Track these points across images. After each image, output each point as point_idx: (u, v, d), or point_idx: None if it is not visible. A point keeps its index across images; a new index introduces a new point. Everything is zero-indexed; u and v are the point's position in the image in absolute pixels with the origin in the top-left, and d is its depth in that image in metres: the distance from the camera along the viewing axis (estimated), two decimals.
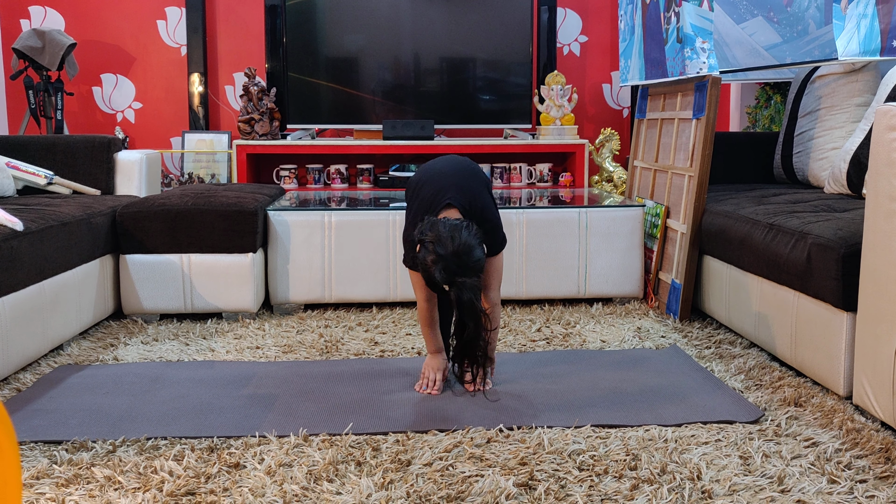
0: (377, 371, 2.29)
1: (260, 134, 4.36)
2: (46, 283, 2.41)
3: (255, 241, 2.90)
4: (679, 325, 2.79)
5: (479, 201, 2.04)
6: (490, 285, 2.07)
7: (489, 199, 2.09)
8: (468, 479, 1.58)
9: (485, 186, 2.11)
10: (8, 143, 3.24)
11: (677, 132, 3.11)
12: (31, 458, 1.71)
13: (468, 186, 2.05)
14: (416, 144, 4.31)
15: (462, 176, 2.09)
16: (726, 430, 1.84)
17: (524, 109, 4.57)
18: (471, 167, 2.15)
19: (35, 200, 2.85)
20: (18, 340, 2.25)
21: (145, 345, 2.59)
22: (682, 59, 2.93)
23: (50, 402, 2.05)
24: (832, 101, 3.04)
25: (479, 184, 2.10)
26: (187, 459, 1.68)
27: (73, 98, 4.64)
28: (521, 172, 4.56)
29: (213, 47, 4.69)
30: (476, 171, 2.14)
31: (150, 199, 2.94)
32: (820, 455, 1.68)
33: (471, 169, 2.14)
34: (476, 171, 2.14)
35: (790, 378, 2.18)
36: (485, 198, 2.07)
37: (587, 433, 1.82)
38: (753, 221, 2.46)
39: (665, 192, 3.14)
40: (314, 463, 1.67)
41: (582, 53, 4.85)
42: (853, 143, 2.70)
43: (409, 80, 4.52)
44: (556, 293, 3.11)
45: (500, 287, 2.11)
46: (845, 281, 1.96)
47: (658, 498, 1.50)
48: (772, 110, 4.06)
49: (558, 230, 3.09)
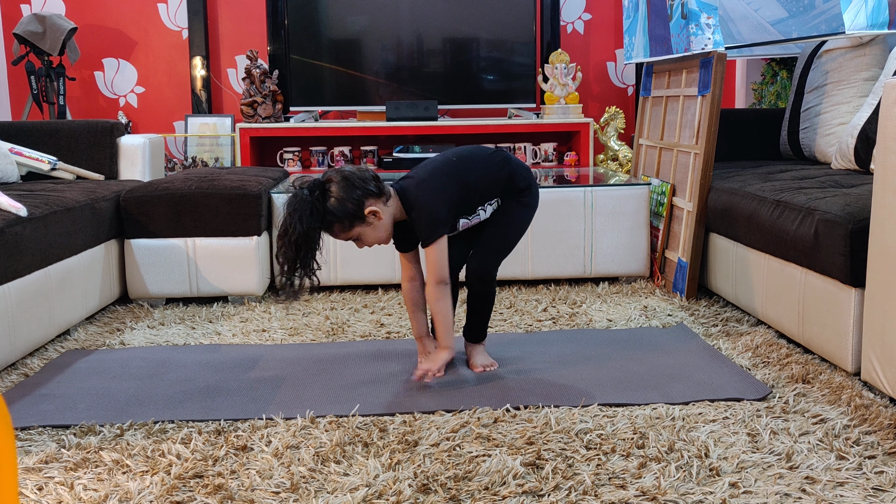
0: (383, 353, 2.29)
1: (263, 117, 4.34)
2: (52, 269, 2.41)
3: (260, 224, 2.89)
4: (686, 304, 2.78)
5: (419, 191, 1.98)
6: (425, 279, 2.03)
7: (434, 194, 1.97)
8: (475, 459, 1.58)
9: (454, 182, 2.01)
10: (11, 129, 3.24)
11: (682, 109, 3.09)
12: (40, 442, 1.72)
13: (425, 177, 2.02)
14: (419, 125, 4.28)
15: (435, 165, 2.06)
16: (734, 407, 1.83)
17: (528, 89, 4.54)
18: (458, 161, 2.07)
19: (39, 186, 2.85)
20: (25, 326, 2.25)
21: (151, 329, 2.60)
22: (686, 35, 2.90)
23: (57, 386, 2.06)
24: (839, 76, 3.01)
25: (447, 177, 2.01)
26: (195, 442, 1.69)
27: (76, 83, 4.63)
28: (525, 152, 4.53)
29: (214, 30, 4.67)
30: (461, 165, 2.05)
31: (153, 183, 2.94)
32: (828, 432, 1.68)
33: (455, 162, 2.06)
34: (461, 165, 2.05)
35: (798, 355, 2.18)
36: (428, 190, 1.97)
37: (594, 412, 1.82)
38: (760, 198, 2.44)
39: (671, 170, 3.12)
40: (321, 444, 1.67)
41: (586, 31, 4.81)
42: (861, 117, 2.67)
43: (412, 60, 4.49)
44: (562, 273, 3.10)
45: (437, 284, 1.97)
46: (853, 257, 1.94)
47: (666, 476, 1.50)
48: (778, 86, 4.03)
49: (564, 210, 3.07)
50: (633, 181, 3.23)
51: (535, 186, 2.17)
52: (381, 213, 1.93)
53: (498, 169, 2.10)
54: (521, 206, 2.15)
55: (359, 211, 1.91)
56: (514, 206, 2.14)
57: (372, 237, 1.96)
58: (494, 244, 2.12)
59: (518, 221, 2.15)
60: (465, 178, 2.05)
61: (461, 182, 2.04)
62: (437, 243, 1.97)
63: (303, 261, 1.89)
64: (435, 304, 1.99)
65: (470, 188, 2.05)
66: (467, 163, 2.09)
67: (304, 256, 1.89)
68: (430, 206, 1.97)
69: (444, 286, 1.99)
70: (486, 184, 2.08)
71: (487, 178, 2.08)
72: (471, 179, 2.05)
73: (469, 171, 2.06)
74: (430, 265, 1.97)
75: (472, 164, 2.09)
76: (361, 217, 1.92)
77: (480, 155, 2.12)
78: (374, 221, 1.93)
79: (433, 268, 1.97)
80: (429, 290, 2.00)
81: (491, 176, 2.09)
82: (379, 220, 1.94)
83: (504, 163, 2.12)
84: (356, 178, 1.92)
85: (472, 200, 2.07)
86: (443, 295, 1.99)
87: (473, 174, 2.06)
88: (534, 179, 2.18)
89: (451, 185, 2.02)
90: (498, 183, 2.10)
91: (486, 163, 2.10)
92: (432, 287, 1.98)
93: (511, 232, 2.14)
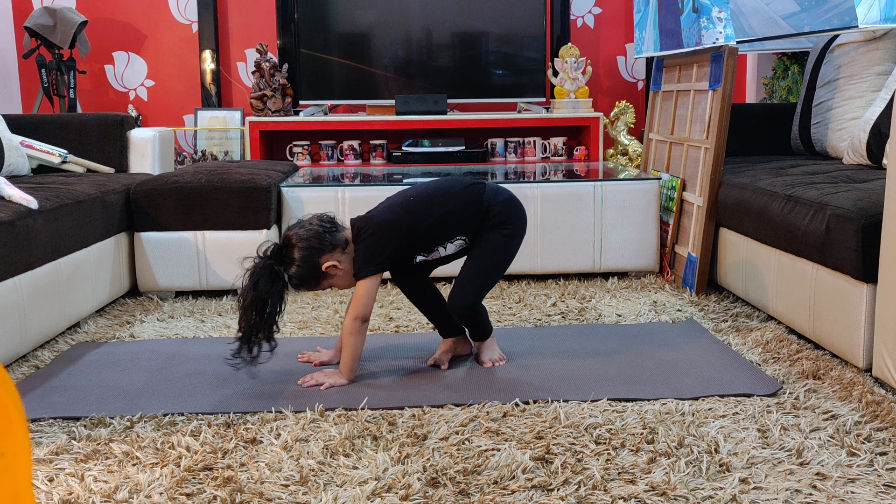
0: (392, 346, 2.29)
1: (272, 110, 4.34)
2: (62, 262, 2.42)
3: (269, 217, 2.89)
4: (695, 299, 2.77)
5: (366, 227, 1.98)
6: (348, 311, 2.00)
7: (376, 234, 1.97)
8: (484, 453, 1.58)
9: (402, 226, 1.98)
10: (22, 122, 3.25)
11: (693, 104, 3.07)
12: (51, 434, 1.72)
13: (374, 215, 2.02)
14: (429, 119, 4.28)
15: (390, 204, 2.04)
16: (744, 403, 1.82)
17: (538, 83, 4.53)
18: (414, 202, 2.02)
19: (49, 179, 2.86)
20: (36, 318, 2.26)
21: (161, 322, 2.60)
22: (697, 29, 2.88)
23: (68, 378, 2.06)
24: (852, 71, 2.99)
25: (394, 221, 1.98)
26: (204, 435, 1.69)
27: (86, 76, 4.64)
28: (535, 146, 4.52)
29: (224, 23, 4.67)
30: (416, 207, 2.01)
31: (163, 176, 2.94)
32: (839, 428, 1.67)
33: (411, 203, 2.02)
34: (416, 207, 2.01)
35: (808, 351, 2.17)
36: (372, 229, 1.97)
37: (603, 407, 1.81)
38: (771, 193, 2.43)
39: (681, 165, 3.11)
40: (330, 438, 1.67)
41: (596, 25, 4.79)
42: (873, 112, 2.65)
43: (422, 54, 4.48)
44: (572, 267, 3.09)
45: (355, 320, 1.95)
46: (865, 252, 1.93)
47: (675, 471, 1.50)
48: (789, 81, 4.01)
49: (573, 204, 3.07)
50: (643, 176, 3.22)
51: (516, 220, 2.06)
52: (340, 263, 1.98)
53: (465, 207, 2.03)
54: (503, 238, 2.05)
55: (317, 272, 1.97)
56: (495, 237, 2.04)
57: (343, 283, 2.02)
58: (474, 278, 2.05)
59: (499, 253, 2.06)
60: (415, 222, 2.00)
61: (410, 226, 2.00)
62: (367, 280, 1.97)
63: (258, 325, 1.92)
64: (347, 338, 1.98)
65: (420, 232, 2.01)
66: (425, 205, 2.03)
67: (260, 321, 1.92)
68: (367, 245, 1.98)
69: (361, 323, 1.97)
70: (445, 226, 2.03)
71: (449, 219, 2.02)
72: (422, 224, 2.01)
73: (423, 215, 2.01)
74: (355, 299, 1.97)
75: (432, 205, 2.03)
76: (323, 275, 1.98)
77: (447, 192, 2.04)
78: (337, 272, 1.99)
79: (356, 302, 1.97)
80: (347, 322, 1.97)
81: (453, 216, 2.02)
82: (341, 269, 1.98)
83: (475, 200, 2.03)
84: (312, 238, 1.95)
85: (425, 242, 2.04)
86: (357, 331, 1.97)
87: (428, 218, 2.01)
88: (514, 212, 2.06)
89: (396, 228, 1.99)
90: (462, 222, 2.04)
91: (450, 202, 2.03)
92: (349, 320, 1.97)
93: (491, 264, 2.06)
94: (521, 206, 2.10)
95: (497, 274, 2.09)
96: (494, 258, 2.06)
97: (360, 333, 1.98)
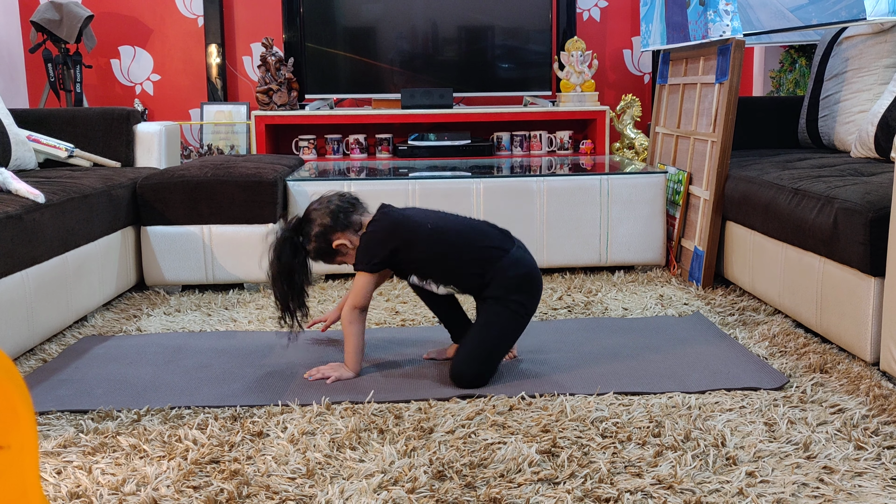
0: (398, 340, 2.29)
1: (278, 104, 4.34)
2: (69, 255, 2.42)
3: (276, 211, 2.90)
4: (702, 293, 2.76)
5: (383, 222, 1.98)
6: (347, 301, 2.00)
7: (384, 235, 1.96)
8: (491, 447, 1.58)
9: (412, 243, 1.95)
10: (29, 117, 3.25)
11: (700, 97, 3.06)
12: (58, 427, 1.73)
13: (398, 217, 2.00)
14: (434, 113, 4.28)
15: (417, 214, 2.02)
16: (750, 396, 1.82)
17: (544, 76, 4.52)
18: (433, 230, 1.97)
19: (56, 173, 2.86)
20: (43, 312, 2.26)
21: (168, 316, 2.61)
22: (704, 21, 2.87)
23: (75, 372, 2.07)
24: (860, 63, 2.97)
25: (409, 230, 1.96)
26: (211, 428, 1.70)
27: (92, 71, 4.64)
28: (541, 140, 4.52)
29: (229, 18, 4.67)
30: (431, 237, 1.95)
31: (169, 170, 2.94)
32: (846, 421, 1.66)
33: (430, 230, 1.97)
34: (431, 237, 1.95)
35: (815, 345, 2.16)
36: (387, 226, 1.97)
37: (610, 400, 1.81)
38: (778, 186, 2.42)
39: (687, 159, 3.10)
40: (337, 431, 1.67)
41: (602, 19, 4.78)
42: (881, 105, 2.64)
43: (427, 48, 4.48)
44: (578, 261, 3.09)
45: (353, 309, 1.95)
46: (873, 245, 1.92)
47: (682, 464, 1.49)
48: (796, 74, 3.99)
49: (579, 198, 3.06)
50: (650, 169, 3.21)
51: (526, 298, 1.95)
52: (351, 242, 2.00)
53: (468, 266, 1.95)
54: (509, 312, 1.93)
55: (329, 248, 2.01)
56: (502, 310, 1.93)
57: (354, 262, 2.03)
58: (474, 348, 1.93)
59: (502, 327, 1.94)
60: (420, 245, 1.96)
61: (413, 246, 1.96)
62: (363, 274, 1.96)
63: (290, 294, 2.00)
64: (347, 327, 1.99)
65: (418, 256, 1.96)
66: (443, 241, 1.97)
67: (291, 290, 2.00)
68: (368, 239, 1.97)
69: (359, 312, 1.97)
70: (444, 270, 1.97)
71: (452, 268, 1.96)
72: (424, 254, 1.96)
73: (431, 247, 1.96)
74: (354, 289, 1.98)
75: (450, 244, 1.97)
76: (335, 252, 2.02)
77: (472, 242, 1.96)
78: (347, 251, 2.02)
79: (353, 292, 1.98)
80: (345, 312, 1.99)
81: (458, 269, 1.96)
82: (352, 249, 2.01)
83: (483, 263, 1.93)
84: (326, 216, 1.99)
85: (420, 269, 1.99)
86: (356, 319, 1.97)
87: (434, 252, 1.96)
88: (525, 287, 1.95)
89: (400, 239, 1.95)
90: (460, 277, 1.97)
91: (465, 255, 1.95)
92: (348, 310, 1.98)
93: (494, 338, 1.94)
94: (537, 282, 2.00)
95: (498, 350, 1.96)
96: (496, 332, 1.94)
97: (359, 322, 1.99)
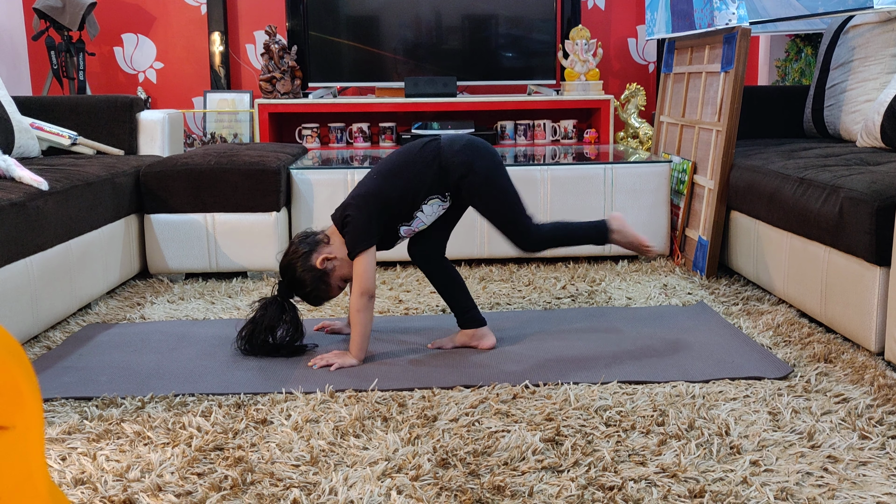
0: (402, 328, 2.29)
1: (281, 93, 4.33)
2: (73, 243, 2.42)
3: (279, 200, 2.89)
4: (706, 282, 2.76)
5: (346, 213, 2.02)
6: (352, 289, 2.02)
7: (356, 213, 2.00)
8: (494, 435, 1.58)
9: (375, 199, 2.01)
10: (32, 104, 3.25)
11: (705, 86, 3.05)
12: (63, 413, 1.73)
13: (349, 201, 2.04)
14: (438, 101, 4.26)
15: (359, 185, 2.06)
16: (755, 386, 1.82)
17: (548, 65, 4.50)
18: (378, 177, 2.05)
19: (59, 161, 2.86)
20: (47, 299, 2.27)
21: (171, 303, 2.61)
22: (710, 10, 2.86)
23: (79, 359, 2.07)
24: (866, 52, 2.96)
25: (368, 195, 2.02)
26: (215, 415, 1.70)
27: (95, 58, 4.63)
28: (545, 129, 4.50)
29: (232, 5, 4.65)
30: (381, 180, 2.04)
31: (172, 158, 2.94)
32: (851, 411, 1.66)
33: (375, 178, 2.05)
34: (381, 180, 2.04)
35: (820, 334, 2.16)
36: (352, 210, 2.01)
37: (614, 389, 1.81)
38: (783, 176, 2.41)
39: (692, 148, 3.08)
40: (341, 419, 1.67)
41: (607, 7, 4.75)
42: (888, 94, 2.63)
43: (431, 37, 4.46)
44: (581, 251, 3.08)
45: (362, 295, 1.97)
46: (879, 235, 1.92)
47: (686, 453, 1.49)
48: (802, 63, 3.97)
49: (583, 187, 3.05)
50: (654, 159, 3.20)
51: (480, 160, 2.03)
52: (331, 252, 2.03)
53: (426, 167, 2.03)
54: (485, 177, 2.03)
55: (318, 272, 2.02)
56: (481, 182, 2.03)
57: (346, 270, 2.04)
58: (500, 219, 2.05)
59: (498, 191, 2.04)
60: (386, 191, 2.03)
61: (382, 199, 2.02)
62: (363, 255, 1.99)
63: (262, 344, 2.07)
64: (356, 315, 1.99)
65: (392, 202, 2.02)
66: (389, 175, 2.05)
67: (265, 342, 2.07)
68: (353, 223, 2.01)
69: (368, 298, 1.98)
70: (414, 190, 2.03)
71: (414, 183, 2.03)
72: (392, 194, 2.02)
73: (389, 186, 2.03)
74: (356, 276, 2.00)
75: (395, 174, 2.05)
76: (324, 273, 2.03)
77: (406, 158, 2.07)
78: (334, 263, 2.03)
79: (358, 279, 1.99)
80: (353, 300, 1.99)
81: (418, 178, 2.03)
82: (335, 258, 2.02)
83: (433, 157, 2.04)
84: (293, 253, 2.03)
85: (403, 210, 2.04)
86: (365, 307, 1.98)
87: (395, 188, 2.03)
88: (476, 154, 2.04)
89: (372, 198, 2.02)
90: (429, 182, 2.04)
91: (410, 167, 2.04)
92: (356, 297, 1.98)
93: (500, 200, 2.04)
94: (481, 144, 2.08)
95: (511, 203, 2.05)
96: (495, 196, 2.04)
97: (368, 310, 1.99)
